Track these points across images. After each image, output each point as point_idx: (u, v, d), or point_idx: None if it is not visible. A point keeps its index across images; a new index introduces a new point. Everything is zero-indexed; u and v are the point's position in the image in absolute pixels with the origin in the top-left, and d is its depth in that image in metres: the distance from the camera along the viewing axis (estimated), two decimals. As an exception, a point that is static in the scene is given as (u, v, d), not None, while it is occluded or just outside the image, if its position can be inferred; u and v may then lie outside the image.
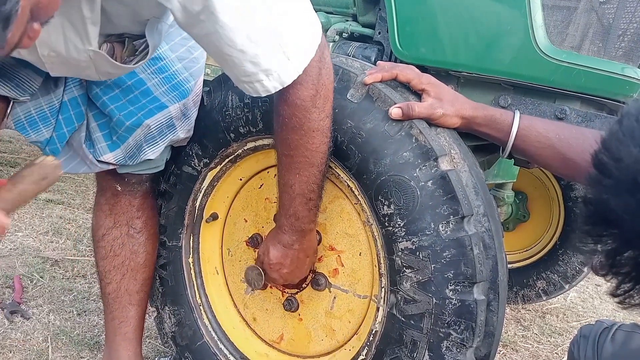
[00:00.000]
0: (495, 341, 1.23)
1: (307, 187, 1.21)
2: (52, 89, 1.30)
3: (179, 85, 1.37)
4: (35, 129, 1.31)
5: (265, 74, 1.05)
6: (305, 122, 1.13)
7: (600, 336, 1.18)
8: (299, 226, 1.27)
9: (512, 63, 1.43)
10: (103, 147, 1.37)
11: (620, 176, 0.74)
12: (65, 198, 3.05)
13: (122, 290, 1.52)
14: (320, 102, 1.14)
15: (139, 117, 1.33)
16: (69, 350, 1.79)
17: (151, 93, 1.34)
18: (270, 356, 1.53)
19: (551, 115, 1.43)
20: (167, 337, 1.65)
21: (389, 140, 1.21)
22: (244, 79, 1.08)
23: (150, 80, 1.35)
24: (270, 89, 1.08)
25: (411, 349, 1.21)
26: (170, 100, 1.36)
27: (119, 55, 1.15)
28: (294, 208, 1.24)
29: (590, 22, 1.42)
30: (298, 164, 1.18)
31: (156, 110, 1.34)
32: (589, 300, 3.05)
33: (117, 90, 1.33)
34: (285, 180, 1.22)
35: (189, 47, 1.40)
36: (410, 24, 1.55)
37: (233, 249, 1.58)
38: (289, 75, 1.07)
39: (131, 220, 1.51)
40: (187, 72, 1.39)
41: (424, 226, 1.18)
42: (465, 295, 1.16)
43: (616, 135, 0.77)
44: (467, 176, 1.21)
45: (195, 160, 1.50)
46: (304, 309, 1.47)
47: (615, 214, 0.75)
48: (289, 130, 1.15)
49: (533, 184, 2.77)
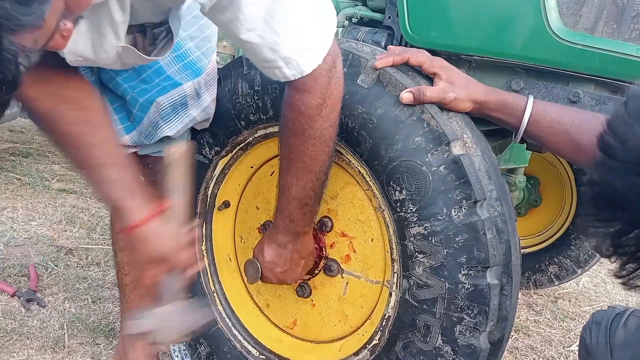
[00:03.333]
0: (509, 325, 1.23)
1: (304, 192, 1.21)
2: None
3: (191, 64, 1.37)
4: None
5: (284, 61, 1.05)
6: (308, 129, 1.13)
7: (613, 322, 1.17)
8: (293, 228, 1.28)
9: (525, 46, 1.41)
10: (120, 130, 1.36)
11: (626, 157, 0.74)
12: (78, 187, 3.07)
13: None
14: (326, 111, 1.13)
15: (153, 94, 1.33)
16: (85, 337, 1.82)
17: (164, 72, 1.34)
18: (283, 341, 1.54)
19: (564, 99, 1.42)
20: (181, 324, 1.67)
21: (400, 125, 1.20)
22: (264, 65, 1.09)
23: (163, 59, 1.34)
24: (290, 77, 1.08)
25: (424, 333, 1.22)
26: (184, 79, 1.35)
27: (141, 46, 1.15)
28: (289, 210, 1.24)
29: (604, 4, 1.40)
30: (296, 168, 1.19)
31: (170, 87, 1.34)
32: (601, 285, 3.04)
33: (130, 71, 1.33)
34: (283, 182, 1.23)
35: (200, 26, 1.39)
36: (421, 8, 1.53)
37: (245, 237, 1.59)
38: (308, 64, 1.07)
39: None
40: (199, 50, 1.39)
41: (437, 211, 1.17)
42: (478, 279, 1.16)
43: (622, 117, 0.77)
44: (480, 160, 1.21)
45: (207, 148, 1.50)
46: (316, 295, 1.47)
47: (621, 196, 0.74)
48: (291, 134, 1.16)
49: (545, 168, 2.75)
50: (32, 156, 3.45)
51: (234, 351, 1.56)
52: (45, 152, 3.54)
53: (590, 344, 1.18)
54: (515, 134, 1.28)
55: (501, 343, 1.23)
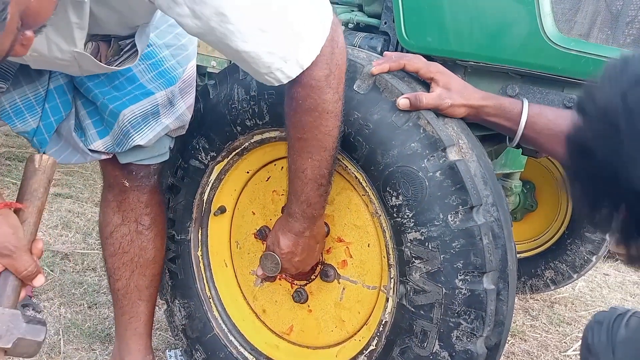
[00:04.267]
0: (505, 330, 1.23)
1: (319, 171, 1.20)
2: (37, 77, 1.29)
3: (165, 72, 1.36)
4: (21, 119, 1.29)
5: (283, 60, 1.05)
6: (320, 102, 1.13)
7: (615, 322, 1.17)
8: (311, 213, 1.26)
9: (520, 52, 1.41)
10: (93, 134, 1.34)
11: (594, 112, 0.82)
12: (74, 192, 3.06)
13: (131, 286, 1.53)
14: (334, 82, 1.13)
15: (124, 102, 1.31)
16: (81, 342, 1.81)
17: (137, 80, 1.33)
18: (280, 347, 1.54)
19: (559, 104, 1.42)
20: (177, 330, 1.66)
21: (396, 131, 1.21)
22: (263, 71, 1.07)
23: (136, 67, 1.33)
24: (292, 75, 1.08)
25: (421, 338, 1.22)
26: (156, 87, 1.34)
27: (103, 55, 1.14)
28: (306, 194, 1.23)
29: (598, 10, 1.41)
30: (311, 147, 1.17)
31: (142, 96, 1.32)
32: (597, 290, 3.05)
33: (102, 77, 1.32)
34: (297, 165, 1.21)
35: (176, 34, 1.39)
36: (417, 13, 1.53)
37: (241, 242, 1.59)
38: (307, 57, 1.07)
39: (140, 216, 1.50)
40: (174, 59, 1.38)
41: (433, 217, 1.18)
42: (475, 285, 1.16)
43: (596, 82, 0.85)
44: (476, 166, 1.21)
45: (203, 153, 1.50)
46: (313, 301, 1.47)
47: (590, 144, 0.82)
48: (304, 112, 1.14)
49: (541, 173, 2.76)
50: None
51: (230, 357, 1.56)
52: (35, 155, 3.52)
53: (593, 343, 1.19)
54: (511, 138, 1.28)
55: (498, 348, 1.23)
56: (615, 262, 3.49)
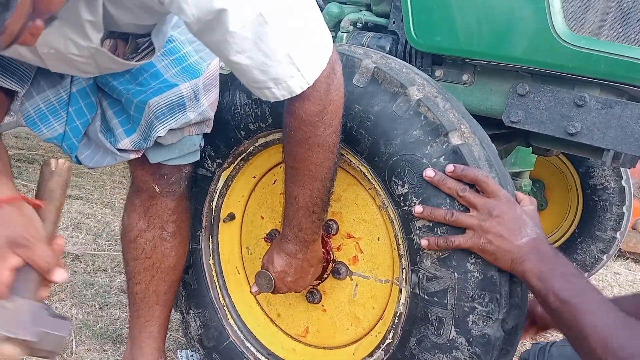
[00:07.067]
0: (522, 313, 1.21)
1: (311, 200, 1.21)
2: (59, 80, 1.30)
3: (189, 67, 1.36)
4: (46, 124, 1.30)
5: (274, 82, 1.05)
6: (312, 136, 1.13)
7: (538, 355, 1.34)
8: (303, 237, 1.27)
9: (530, 50, 1.40)
10: (120, 133, 1.35)
11: None
12: (84, 193, 3.07)
13: (150, 291, 1.52)
14: (327, 118, 1.13)
15: (147, 95, 1.31)
16: (92, 343, 1.81)
17: (162, 75, 1.34)
18: (297, 350, 1.53)
19: (570, 103, 1.40)
20: (193, 341, 1.66)
21: (397, 120, 1.22)
22: (253, 85, 1.08)
23: (160, 62, 1.34)
24: (279, 97, 1.08)
25: (437, 326, 1.21)
26: (180, 80, 1.34)
27: (121, 52, 1.15)
28: (297, 219, 1.25)
29: (609, 7, 1.39)
30: (302, 177, 1.19)
31: (166, 88, 1.33)
32: (608, 289, 3.00)
33: (127, 75, 1.32)
34: (289, 191, 1.23)
35: None
36: (426, 12, 1.53)
37: (252, 247, 1.59)
38: (298, 86, 1.06)
39: (165, 223, 1.49)
40: (197, 54, 1.38)
41: (440, 202, 1.18)
42: (487, 267, 1.15)
43: None
44: (479, 149, 1.21)
45: (209, 161, 1.52)
46: (327, 300, 1.47)
47: None
48: (295, 143, 1.16)
49: (551, 172, 2.75)
50: (37, 162, 3.44)
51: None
52: (51, 159, 3.54)
53: None
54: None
55: (516, 332, 1.22)
56: (625, 260, 3.45)
